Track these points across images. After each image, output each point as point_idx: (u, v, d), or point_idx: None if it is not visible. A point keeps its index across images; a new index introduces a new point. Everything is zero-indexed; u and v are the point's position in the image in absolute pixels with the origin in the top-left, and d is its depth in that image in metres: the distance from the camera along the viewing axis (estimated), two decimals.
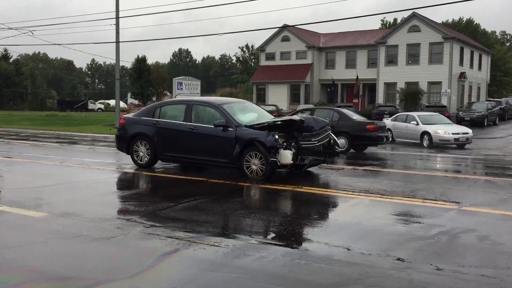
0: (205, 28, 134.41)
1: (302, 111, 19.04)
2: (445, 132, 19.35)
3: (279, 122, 10.07)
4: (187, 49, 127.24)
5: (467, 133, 19.66)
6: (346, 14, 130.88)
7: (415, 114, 22.08)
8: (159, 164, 11.65)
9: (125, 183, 10.12)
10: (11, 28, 32.79)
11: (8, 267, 4.63)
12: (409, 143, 20.70)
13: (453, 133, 19.33)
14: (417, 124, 20.43)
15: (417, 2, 39.42)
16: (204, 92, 52.83)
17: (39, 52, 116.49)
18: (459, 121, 28.91)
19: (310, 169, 10.90)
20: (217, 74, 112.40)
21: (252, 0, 21.65)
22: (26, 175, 10.43)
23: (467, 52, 42.55)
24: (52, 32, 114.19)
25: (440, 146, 19.47)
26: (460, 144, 19.52)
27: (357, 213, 7.00)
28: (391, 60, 41.13)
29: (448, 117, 23.65)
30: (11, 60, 76.89)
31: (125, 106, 61.39)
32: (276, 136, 9.63)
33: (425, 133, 19.80)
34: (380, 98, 41.30)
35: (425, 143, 19.65)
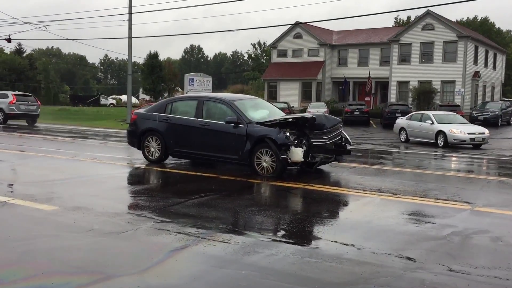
0: (223, 26, 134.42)
1: None
2: (460, 131, 19.06)
3: (291, 119, 10.03)
4: (199, 46, 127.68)
5: (483, 133, 19.33)
6: (363, 13, 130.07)
7: (430, 113, 21.76)
8: (170, 160, 11.68)
9: (136, 178, 10.15)
10: (25, 23, 32.99)
11: (19, 260, 4.65)
12: (424, 143, 20.50)
13: (468, 133, 19.03)
14: (432, 123, 20.17)
15: (431, 0, 39.06)
16: (215, 88, 52.88)
17: (52, 47, 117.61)
18: (472, 120, 28.58)
19: (321, 167, 10.84)
20: (229, 71, 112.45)
21: None
22: (38, 168, 10.51)
23: (481, 51, 42.06)
24: (66, 27, 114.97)
25: (455, 146, 19.25)
26: (476, 144, 19.22)
27: (368, 212, 6.94)
28: (404, 59, 40.79)
29: (462, 116, 23.35)
30: (24, 55, 77.64)
31: (137, 101, 61.76)
32: (287, 134, 9.59)
33: (440, 132, 19.51)
34: (392, 97, 41.00)
35: (440, 142, 19.42)
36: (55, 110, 45.60)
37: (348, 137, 11.12)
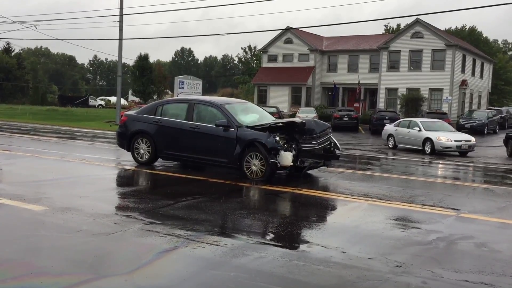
0: (218, 31, 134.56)
1: None
2: (447, 139, 19.30)
3: (281, 124, 10.10)
4: (190, 48, 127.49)
5: (470, 141, 19.60)
6: (354, 20, 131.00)
7: (418, 120, 21.99)
8: (159, 162, 11.67)
9: (125, 179, 10.14)
10: (15, 22, 32.78)
11: (7, 260, 4.64)
12: (411, 149, 20.70)
13: (455, 141, 19.27)
14: (420, 130, 20.39)
15: (421, 8, 39.51)
16: (205, 92, 52.94)
17: (41, 47, 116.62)
18: (459, 128, 28.93)
19: (309, 171, 10.92)
20: (219, 74, 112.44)
21: (255, 2, 21.68)
22: (27, 169, 10.45)
23: (469, 60, 42.61)
24: (55, 27, 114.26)
25: (442, 153, 19.47)
26: (462, 152, 19.47)
27: (356, 217, 7.02)
28: (393, 66, 41.17)
29: (449, 124, 23.62)
30: (13, 54, 76.88)
31: (126, 103, 61.48)
32: (277, 138, 9.66)
33: (428, 139, 19.73)
34: (381, 103, 41.32)
35: (427, 149, 19.63)
36: (43, 110, 45.24)
37: (337, 142, 11.22)
